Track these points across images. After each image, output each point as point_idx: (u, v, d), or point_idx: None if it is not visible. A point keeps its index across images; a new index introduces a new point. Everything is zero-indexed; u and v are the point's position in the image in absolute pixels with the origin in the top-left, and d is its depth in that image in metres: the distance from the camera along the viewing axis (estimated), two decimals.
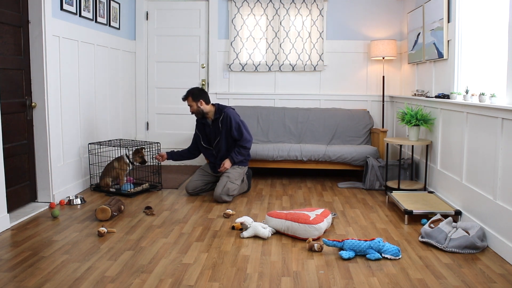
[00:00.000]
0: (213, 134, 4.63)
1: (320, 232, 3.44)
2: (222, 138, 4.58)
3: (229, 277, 2.75)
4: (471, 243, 3.15)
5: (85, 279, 2.69)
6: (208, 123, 4.65)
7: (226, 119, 4.54)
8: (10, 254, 3.05)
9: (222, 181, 4.47)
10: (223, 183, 4.45)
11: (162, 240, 3.37)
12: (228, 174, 4.51)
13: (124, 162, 4.78)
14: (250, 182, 4.93)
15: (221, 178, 4.52)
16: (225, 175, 4.52)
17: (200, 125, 4.73)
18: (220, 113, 4.58)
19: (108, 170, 4.80)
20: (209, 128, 4.66)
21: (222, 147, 4.60)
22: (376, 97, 6.14)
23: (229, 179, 4.47)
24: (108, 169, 4.81)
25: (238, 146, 4.57)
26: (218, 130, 4.58)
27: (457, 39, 4.17)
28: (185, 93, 4.62)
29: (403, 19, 5.96)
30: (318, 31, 6.04)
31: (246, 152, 4.61)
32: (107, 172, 4.80)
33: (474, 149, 3.61)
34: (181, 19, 6.31)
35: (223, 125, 4.55)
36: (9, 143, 3.83)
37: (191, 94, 4.55)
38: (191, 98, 4.55)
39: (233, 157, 4.56)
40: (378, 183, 5.01)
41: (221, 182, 4.47)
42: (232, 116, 4.56)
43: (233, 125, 4.53)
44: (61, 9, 4.39)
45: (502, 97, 3.35)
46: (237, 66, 6.14)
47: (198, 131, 4.76)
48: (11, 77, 3.89)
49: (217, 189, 4.44)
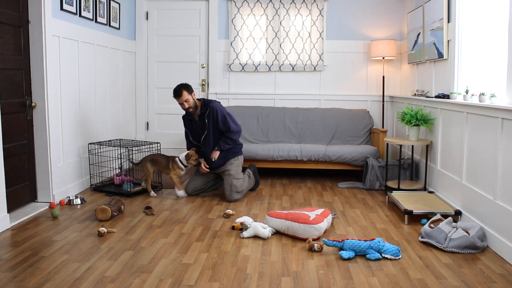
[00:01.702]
0: (200, 129, 4.57)
1: (320, 232, 3.44)
2: (209, 133, 4.52)
3: (229, 277, 2.75)
4: (471, 243, 3.15)
5: (85, 279, 2.69)
6: (195, 119, 4.58)
7: (213, 112, 4.46)
8: (10, 254, 3.05)
9: (226, 181, 4.48)
10: (228, 182, 4.46)
11: (162, 240, 3.37)
12: (229, 172, 4.51)
13: (178, 166, 4.59)
14: (257, 177, 4.94)
15: (224, 178, 4.53)
16: (226, 174, 4.52)
17: (187, 121, 4.65)
18: (206, 108, 4.49)
19: (157, 163, 4.65)
20: (196, 124, 4.59)
21: (210, 141, 4.54)
22: (376, 97, 6.14)
23: (232, 176, 4.47)
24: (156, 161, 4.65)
25: (224, 137, 4.54)
26: (204, 125, 4.53)
27: (457, 39, 4.17)
28: (176, 91, 4.42)
29: (403, 19, 5.96)
30: (318, 31, 6.04)
31: (232, 142, 4.56)
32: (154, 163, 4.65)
33: (474, 149, 3.61)
34: (181, 19, 6.31)
35: (209, 119, 4.48)
36: (9, 143, 3.83)
37: (184, 88, 4.41)
38: (186, 92, 4.40)
39: (220, 145, 4.52)
40: (378, 183, 5.01)
41: (226, 182, 4.48)
42: (218, 109, 4.48)
43: (219, 118, 4.46)
44: (61, 9, 4.40)
45: (502, 97, 3.35)
46: (237, 66, 6.14)
47: (187, 128, 4.71)
48: (11, 77, 3.89)
49: (225, 191, 4.46)
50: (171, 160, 4.62)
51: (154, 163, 4.67)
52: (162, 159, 4.68)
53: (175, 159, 4.60)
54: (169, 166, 4.62)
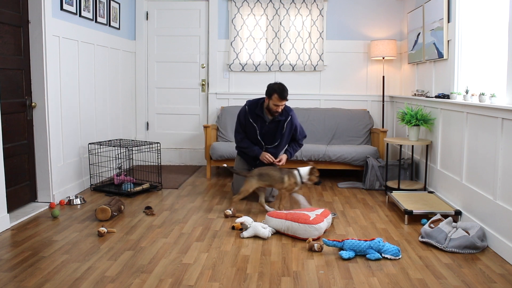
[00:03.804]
0: (272, 133, 4.39)
1: (320, 232, 3.44)
2: (283, 140, 4.41)
3: (229, 277, 2.75)
4: (471, 243, 3.15)
5: (85, 279, 2.69)
6: (266, 119, 4.37)
7: (291, 122, 4.36)
8: (10, 254, 3.05)
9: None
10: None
11: (162, 240, 3.37)
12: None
13: (296, 181, 4.10)
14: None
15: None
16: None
17: (254, 116, 4.37)
18: (287, 116, 4.34)
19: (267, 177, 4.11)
20: (266, 125, 4.37)
21: (281, 147, 4.46)
22: (376, 97, 6.14)
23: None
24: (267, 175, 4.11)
25: (295, 143, 4.54)
26: (280, 130, 4.36)
27: (457, 39, 4.17)
28: (282, 91, 4.17)
29: (403, 19, 5.96)
30: (318, 31, 6.04)
31: (300, 148, 4.62)
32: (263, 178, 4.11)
33: (474, 149, 3.61)
34: (181, 19, 6.31)
35: (288, 127, 4.36)
36: (9, 143, 3.83)
37: (287, 93, 4.23)
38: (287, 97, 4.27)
39: (291, 152, 4.52)
40: (378, 183, 5.01)
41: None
42: (295, 118, 4.43)
43: (298, 128, 4.45)
44: (61, 9, 4.40)
45: (502, 97, 3.35)
46: (237, 66, 6.14)
47: (242, 128, 4.45)
48: (11, 77, 3.89)
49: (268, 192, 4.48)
50: (287, 173, 4.10)
51: (262, 178, 4.11)
52: (274, 172, 4.13)
53: (293, 173, 4.11)
54: (283, 180, 4.08)
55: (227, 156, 5.28)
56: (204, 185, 5.18)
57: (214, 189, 5.02)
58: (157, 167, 5.07)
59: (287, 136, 4.43)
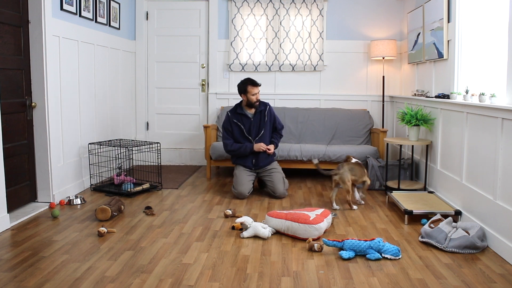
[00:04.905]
0: (257, 126, 4.70)
1: (320, 232, 3.44)
2: (267, 130, 4.72)
3: (229, 277, 2.75)
4: (471, 243, 3.15)
5: (85, 279, 2.69)
6: (249, 115, 4.72)
7: (270, 110, 4.76)
8: (10, 254, 3.05)
9: (277, 177, 4.61)
10: (280, 180, 4.61)
11: (162, 240, 3.37)
12: (278, 169, 4.71)
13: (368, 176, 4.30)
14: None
15: (274, 175, 4.63)
16: (275, 172, 4.66)
17: (237, 116, 4.72)
18: (265, 105, 4.74)
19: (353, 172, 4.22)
20: (249, 121, 4.71)
21: (266, 137, 4.73)
22: (376, 97, 6.14)
23: (283, 174, 4.69)
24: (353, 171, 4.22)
25: (276, 133, 4.84)
26: (263, 121, 4.69)
27: (457, 39, 4.17)
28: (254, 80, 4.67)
29: (403, 19, 5.96)
30: (318, 31, 6.04)
31: (281, 138, 4.90)
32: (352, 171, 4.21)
33: (474, 149, 3.61)
34: (181, 19, 6.31)
35: (268, 117, 4.72)
36: (9, 143, 3.83)
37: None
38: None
39: (276, 143, 4.81)
40: (378, 183, 5.01)
41: (277, 179, 4.60)
42: (272, 109, 4.83)
43: (276, 116, 4.82)
44: (61, 9, 4.40)
45: (502, 97, 3.35)
46: (237, 66, 6.14)
47: (229, 133, 4.72)
48: (11, 77, 3.89)
49: (278, 187, 4.58)
50: (365, 168, 4.27)
51: (352, 171, 4.25)
52: (357, 166, 4.28)
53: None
54: (364, 175, 4.27)
55: (227, 156, 5.27)
56: (204, 185, 5.18)
57: (214, 189, 5.02)
58: (157, 167, 5.07)
59: (270, 125, 4.76)
